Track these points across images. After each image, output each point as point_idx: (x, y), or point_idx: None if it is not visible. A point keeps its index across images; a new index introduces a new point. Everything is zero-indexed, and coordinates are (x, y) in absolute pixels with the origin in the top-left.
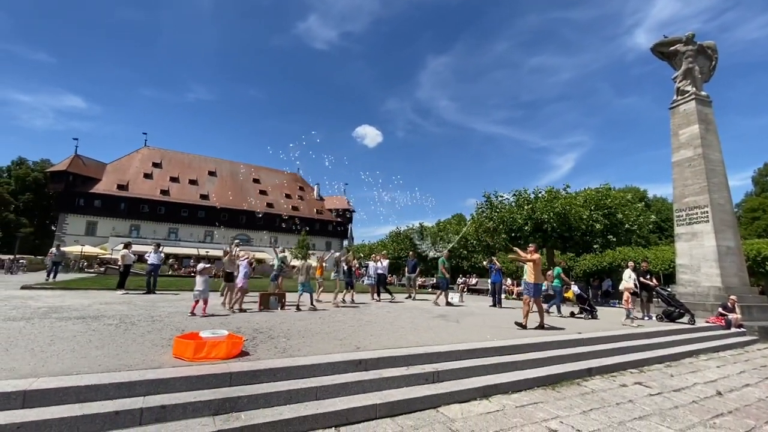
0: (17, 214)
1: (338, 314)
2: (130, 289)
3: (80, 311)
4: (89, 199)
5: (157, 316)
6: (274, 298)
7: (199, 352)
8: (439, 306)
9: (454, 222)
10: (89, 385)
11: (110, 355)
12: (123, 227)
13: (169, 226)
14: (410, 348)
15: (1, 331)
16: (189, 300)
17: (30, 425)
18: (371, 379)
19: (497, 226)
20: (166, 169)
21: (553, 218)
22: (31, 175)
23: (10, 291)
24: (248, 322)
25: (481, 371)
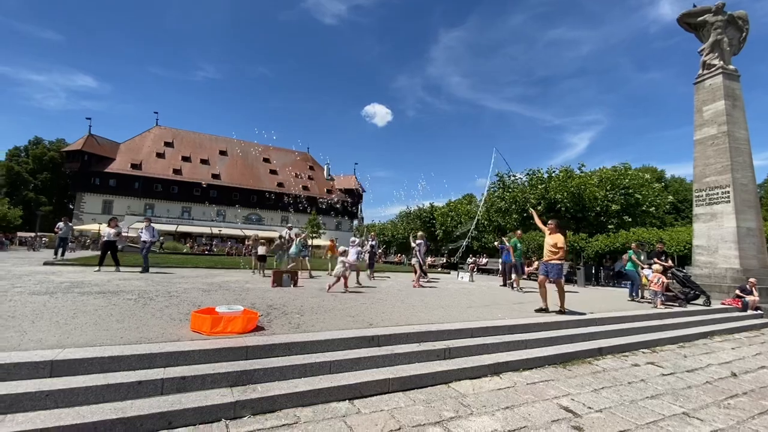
0: (36, 193)
1: (350, 292)
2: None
3: (100, 286)
4: (104, 179)
5: (174, 292)
6: (287, 275)
7: (215, 327)
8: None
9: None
10: (112, 356)
11: (131, 328)
12: (138, 206)
13: (183, 205)
14: (422, 325)
15: (27, 304)
16: (197, 277)
17: (57, 393)
18: (383, 355)
19: (510, 206)
20: (177, 148)
21: (566, 198)
22: (47, 155)
23: (33, 267)
24: (262, 298)
25: (492, 349)
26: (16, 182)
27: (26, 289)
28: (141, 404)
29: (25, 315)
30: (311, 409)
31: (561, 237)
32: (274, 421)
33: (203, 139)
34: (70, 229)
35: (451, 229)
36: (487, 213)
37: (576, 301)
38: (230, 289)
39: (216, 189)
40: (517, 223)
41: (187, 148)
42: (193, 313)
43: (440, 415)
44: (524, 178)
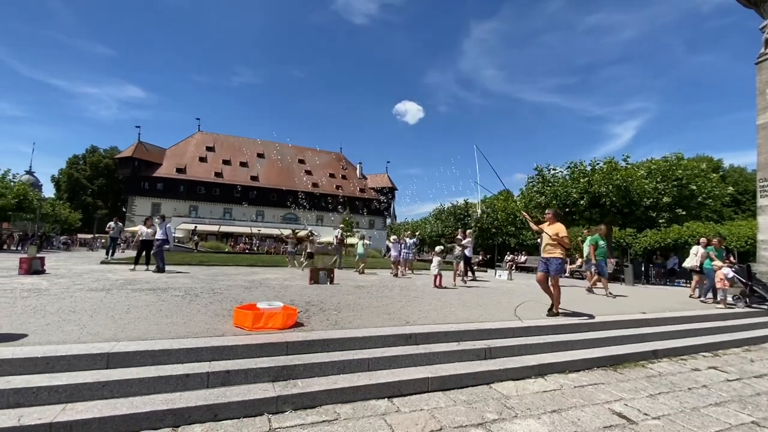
0: (93, 197)
1: (385, 290)
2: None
3: (150, 284)
4: (152, 183)
5: (218, 289)
6: (323, 273)
7: (257, 322)
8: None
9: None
10: (162, 350)
11: (178, 323)
12: (183, 208)
13: (224, 206)
14: (460, 324)
15: (86, 300)
16: (239, 275)
17: (114, 384)
18: (421, 353)
19: (550, 201)
20: (218, 152)
21: (612, 192)
22: (102, 162)
23: (91, 265)
24: (300, 295)
25: (535, 349)
26: (76, 188)
27: (85, 286)
28: (188, 396)
29: (84, 310)
30: (351, 406)
31: (562, 227)
32: (315, 416)
33: (242, 143)
34: (120, 230)
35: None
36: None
37: (626, 301)
38: (270, 286)
39: (254, 190)
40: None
41: (227, 151)
42: (236, 309)
43: (483, 417)
44: (565, 171)
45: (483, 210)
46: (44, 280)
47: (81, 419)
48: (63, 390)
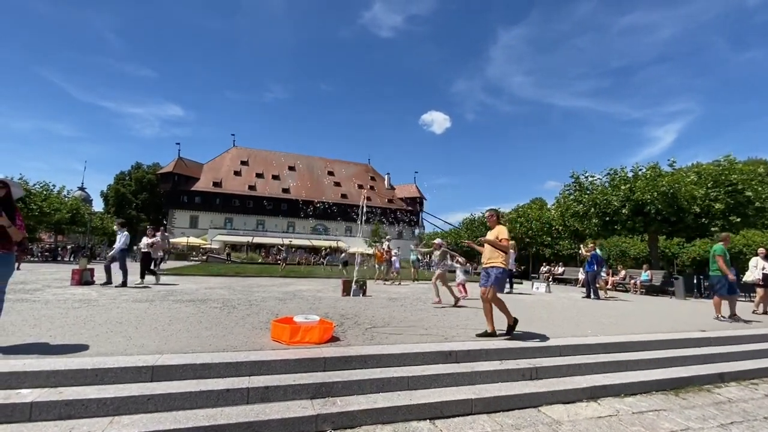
0: (137, 211)
1: (419, 302)
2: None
3: (190, 295)
4: (191, 196)
5: (254, 301)
6: (356, 285)
7: (294, 336)
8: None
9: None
10: (204, 364)
11: (218, 336)
12: (219, 220)
13: (257, 218)
14: (502, 341)
15: (131, 311)
16: (273, 286)
17: (158, 398)
18: (463, 372)
19: (588, 209)
20: (252, 166)
21: (657, 199)
22: (146, 177)
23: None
24: (334, 308)
25: (585, 370)
26: (122, 202)
27: (130, 297)
28: (229, 412)
29: (129, 321)
30: (392, 427)
31: (503, 229)
32: None
33: (274, 157)
34: (166, 240)
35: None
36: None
37: (679, 318)
38: (304, 297)
39: (286, 202)
40: (598, 228)
41: (260, 165)
42: (273, 322)
43: None
44: (604, 178)
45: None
46: (93, 291)
47: None
48: (111, 402)
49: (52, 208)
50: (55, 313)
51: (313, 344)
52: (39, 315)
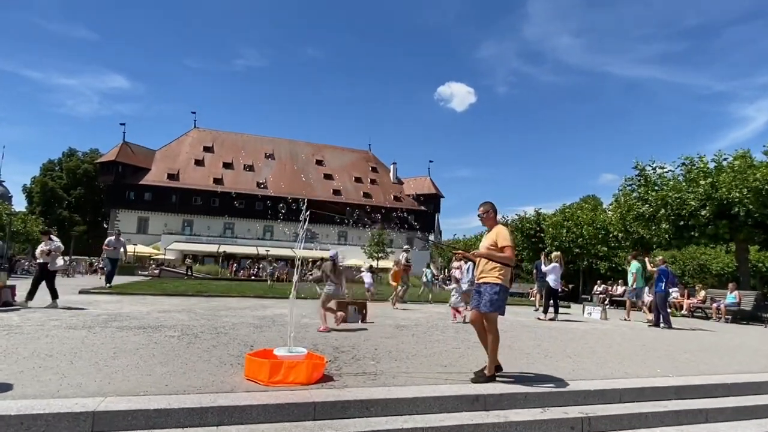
0: (70, 211)
1: (435, 331)
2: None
3: (139, 320)
4: (139, 192)
5: (222, 328)
6: (353, 308)
7: (275, 375)
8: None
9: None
10: (158, 409)
11: (176, 373)
12: (175, 223)
13: (225, 220)
14: (543, 383)
15: (64, 341)
16: (245, 309)
17: None
18: (494, 423)
19: (656, 211)
20: (218, 153)
21: (748, 197)
22: (81, 168)
23: (68, 296)
24: (326, 337)
25: (652, 421)
26: (51, 200)
27: (63, 323)
28: None
29: (63, 353)
30: None
31: (503, 231)
32: None
33: (246, 141)
34: (122, 246)
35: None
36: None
37: None
38: (285, 324)
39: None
40: (669, 235)
41: (228, 152)
42: (248, 356)
43: None
44: (677, 170)
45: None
46: (15, 315)
47: None
48: None
49: None
50: None
51: (299, 385)
52: None
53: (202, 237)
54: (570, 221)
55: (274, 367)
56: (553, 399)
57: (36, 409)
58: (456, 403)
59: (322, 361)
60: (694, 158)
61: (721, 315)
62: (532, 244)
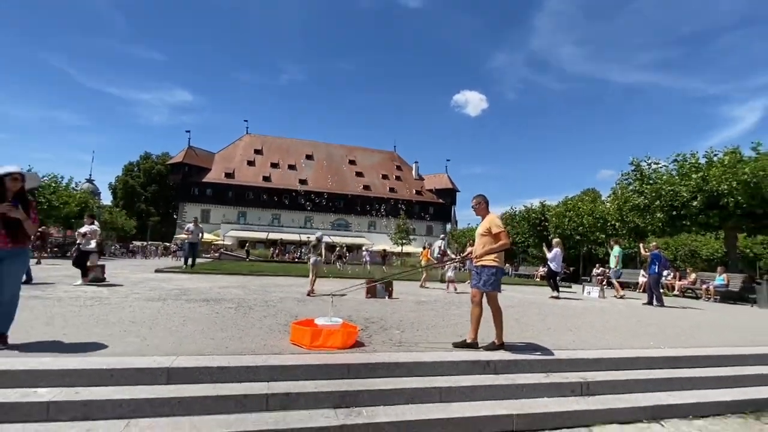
0: (147, 204)
1: (452, 306)
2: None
3: (204, 294)
4: (202, 188)
5: (271, 301)
6: (381, 286)
7: (315, 340)
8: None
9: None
10: (220, 367)
11: (234, 337)
12: (232, 214)
13: (272, 212)
14: (547, 351)
15: (144, 310)
16: (291, 286)
17: (174, 401)
18: (502, 385)
19: (651, 202)
20: (266, 155)
21: (737, 189)
22: (155, 168)
23: (146, 274)
24: (358, 310)
25: (645, 386)
26: (131, 195)
27: (142, 296)
28: (247, 420)
29: (143, 321)
30: None
31: (494, 218)
32: None
33: (290, 144)
34: (201, 231)
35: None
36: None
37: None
38: (325, 300)
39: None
40: (662, 223)
41: (275, 154)
42: (293, 324)
43: None
44: (671, 165)
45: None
46: (105, 289)
47: None
48: (127, 404)
49: (60, 202)
50: (68, 311)
51: (335, 349)
52: (52, 313)
53: (253, 226)
54: (572, 212)
55: (315, 334)
56: (556, 365)
57: (123, 364)
58: (470, 367)
59: (355, 329)
60: (686, 155)
61: (710, 295)
62: (537, 232)
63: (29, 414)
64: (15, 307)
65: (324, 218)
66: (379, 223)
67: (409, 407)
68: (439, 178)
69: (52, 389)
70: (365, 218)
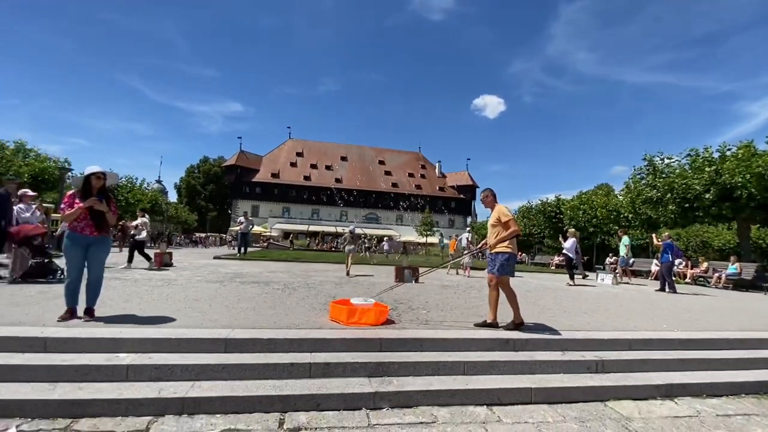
0: (206, 201)
1: (473, 290)
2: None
3: (255, 277)
4: (252, 187)
5: (312, 284)
6: (408, 271)
7: (351, 317)
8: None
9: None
10: (270, 339)
11: (280, 314)
12: (277, 209)
13: (312, 207)
14: (564, 332)
15: (204, 290)
16: (329, 272)
17: (232, 367)
18: (522, 361)
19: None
20: (307, 157)
21: (750, 182)
22: (212, 170)
23: (206, 260)
24: (387, 293)
25: (659, 366)
26: (192, 193)
27: (203, 278)
28: (294, 384)
29: (204, 299)
30: (448, 410)
31: (503, 208)
32: (412, 417)
33: (327, 147)
34: (251, 224)
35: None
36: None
37: None
38: (358, 282)
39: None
40: (675, 215)
41: (314, 156)
42: (332, 303)
43: None
44: (683, 159)
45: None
46: (172, 273)
47: (206, 396)
48: (192, 369)
49: (135, 199)
50: (142, 290)
51: (368, 326)
52: (129, 291)
53: (296, 219)
54: (586, 205)
55: (351, 312)
56: (572, 345)
57: (188, 335)
58: (491, 344)
59: (386, 308)
60: (699, 150)
61: (721, 283)
62: (552, 224)
63: (112, 374)
64: (100, 286)
65: (356, 212)
66: (405, 216)
67: (436, 378)
68: (460, 175)
69: (131, 354)
70: (393, 212)
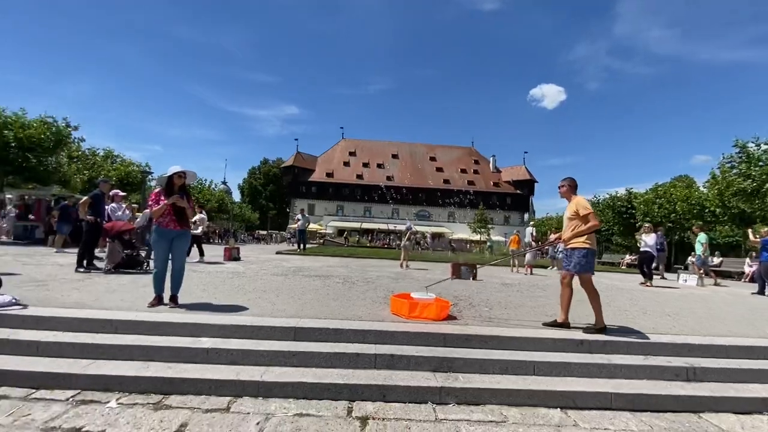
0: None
1: (537, 289)
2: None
3: (316, 271)
4: (308, 186)
5: (370, 278)
6: (465, 268)
7: (413, 311)
8: None
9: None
10: (336, 329)
11: (343, 306)
12: (332, 207)
13: (365, 205)
14: (646, 334)
15: (272, 282)
16: (384, 267)
17: (301, 354)
18: (598, 364)
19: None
20: (359, 156)
21: None
22: (271, 171)
23: (269, 255)
24: (446, 289)
25: (762, 377)
26: (254, 193)
27: (269, 271)
28: (360, 374)
29: (272, 290)
30: (518, 410)
31: (582, 201)
32: (480, 414)
33: (378, 146)
34: (307, 221)
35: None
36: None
37: None
38: (414, 278)
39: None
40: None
41: (366, 155)
42: (393, 297)
43: None
44: None
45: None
46: (240, 266)
47: (279, 381)
48: (265, 355)
49: (204, 199)
50: (216, 281)
51: (430, 320)
52: (205, 282)
53: (350, 217)
54: (662, 198)
55: (413, 306)
56: (655, 349)
57: (261, 323)
58: (563, 344)
59: (447, 304)
60: None
61: None
62: (623, 220)
63: (195, 356)
64: (182, 275)
65: (408, 210)
66: (458, 213)
67: (504, 377)
68: (517, 170)
69: (211, 339)
70: (445, 209)
